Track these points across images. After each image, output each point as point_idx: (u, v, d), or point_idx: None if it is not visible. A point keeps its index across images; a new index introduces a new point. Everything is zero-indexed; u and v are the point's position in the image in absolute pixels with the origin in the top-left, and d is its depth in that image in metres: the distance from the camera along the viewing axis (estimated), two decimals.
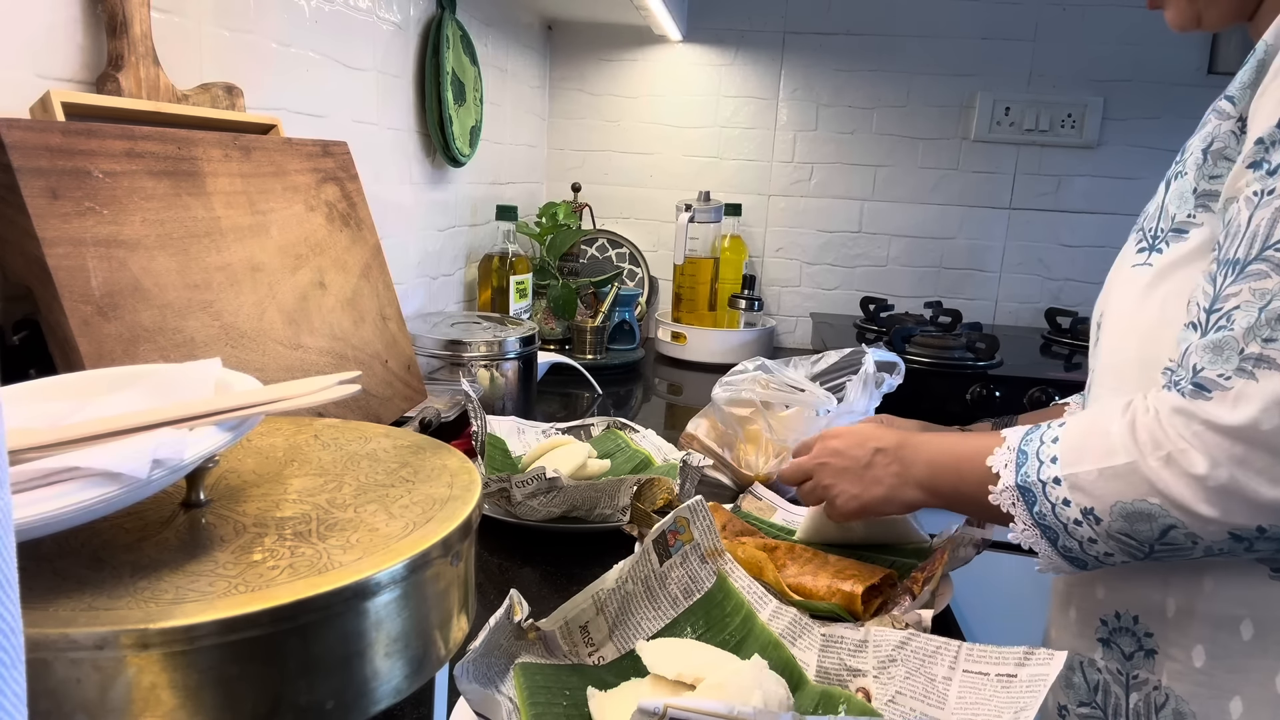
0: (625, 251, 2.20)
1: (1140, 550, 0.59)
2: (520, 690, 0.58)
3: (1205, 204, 0.62)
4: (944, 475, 0.72)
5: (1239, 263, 0.56)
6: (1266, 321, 0.53)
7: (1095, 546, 0.60)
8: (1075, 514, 0.60)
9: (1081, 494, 0.60)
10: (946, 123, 2.08)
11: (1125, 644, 0.68)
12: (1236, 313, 0.55)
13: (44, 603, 0.37)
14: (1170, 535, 0.57)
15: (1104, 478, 0.58)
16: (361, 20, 1.25)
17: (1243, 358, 0.54)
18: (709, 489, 1.13)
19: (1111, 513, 0.58)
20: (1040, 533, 0.62)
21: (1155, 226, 0.66)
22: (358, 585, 0.40)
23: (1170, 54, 1.98)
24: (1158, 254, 0.65)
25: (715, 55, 2.13)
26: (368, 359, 1.01)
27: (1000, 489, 0.64)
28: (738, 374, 1.22)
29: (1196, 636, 0.63)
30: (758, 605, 0.73)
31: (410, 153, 1.46)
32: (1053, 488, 0.61)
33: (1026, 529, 0.63)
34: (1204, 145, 0.63)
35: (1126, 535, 0.59)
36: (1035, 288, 2.14)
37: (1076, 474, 0.60)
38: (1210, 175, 0.62)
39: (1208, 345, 0.56)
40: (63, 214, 0.66)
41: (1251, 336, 0.54)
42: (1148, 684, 0.66)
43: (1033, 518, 0.62)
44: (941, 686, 0.61)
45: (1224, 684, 0.62)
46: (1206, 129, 0.64)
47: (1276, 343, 0.53)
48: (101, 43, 0.80)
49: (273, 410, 0.47)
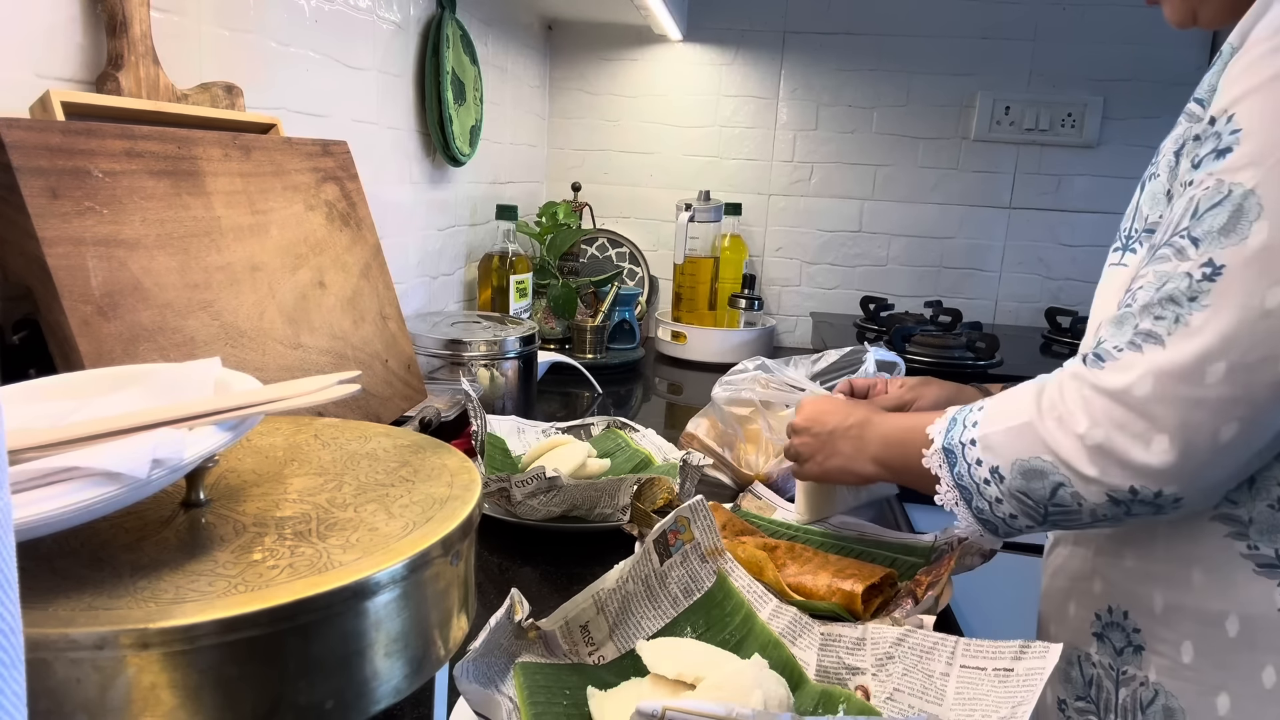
0: (625, 251, 2.20)
1: (1037, 511, 0.63)
2: (520, 690, 0.58)
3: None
4: (894, 450, 0.77)
5: (1155, 247, 0.60)
6: (1158, 301, 0.57)
7: (1001, 507, 0.64)
8: (985, 473, 0.64)
9: (990, 453, 0.64)
10: (946, 122, 2.08)
11: (1116, 639, 0.69)
12: (1140, 291, 0.59)
13: (44, 603, 0.37)
14: (1059, 494, 0.61)
15: (1008, 436, 0.63)
16: (361, 20, 1.25)
17: (1136, 332, 0.58)
18: (709, 489, 1.13)
19: (1012, 469, 0.62)
20: (959, 494, 0.66)
21: (1130, 227, 0.69)
22: (358, 585, 0.40)
23: (1170, 53, 1.98)
24: (1131, 254, 0.68)
25: (715, 55, 2.13)
26: (368, 359, 1.01)
27: (931, 452, 0.69)
28: (738, 373, 1.22)
29: (1184, 632, 0.64)
30: (758, 605, 0.73)
31: (410, 152, 1.46)
32: (969, 449, 0.65)
33: (948, 490, 0.67)
34: (1175, 148, 0.66)
35: (1024, 494, 0.62)
36: (1035, 287, 2.14)
37: (987, 434, 0.64)
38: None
39: (1113, 320, 0.60)
40: (63, 214, 0.66)
41: (1145, 314, 0.58)
42: (1135, 679, 0.67)
43: (953, 478, 0.67)
44: (939, 682, 0.61)
45: (1212, 679, 0.63)
46: (1177, 131, 0.66)
47: (1165, 320, 0.57)
48: (101, 42, 0.80)
49: (273, 410, 0.47)
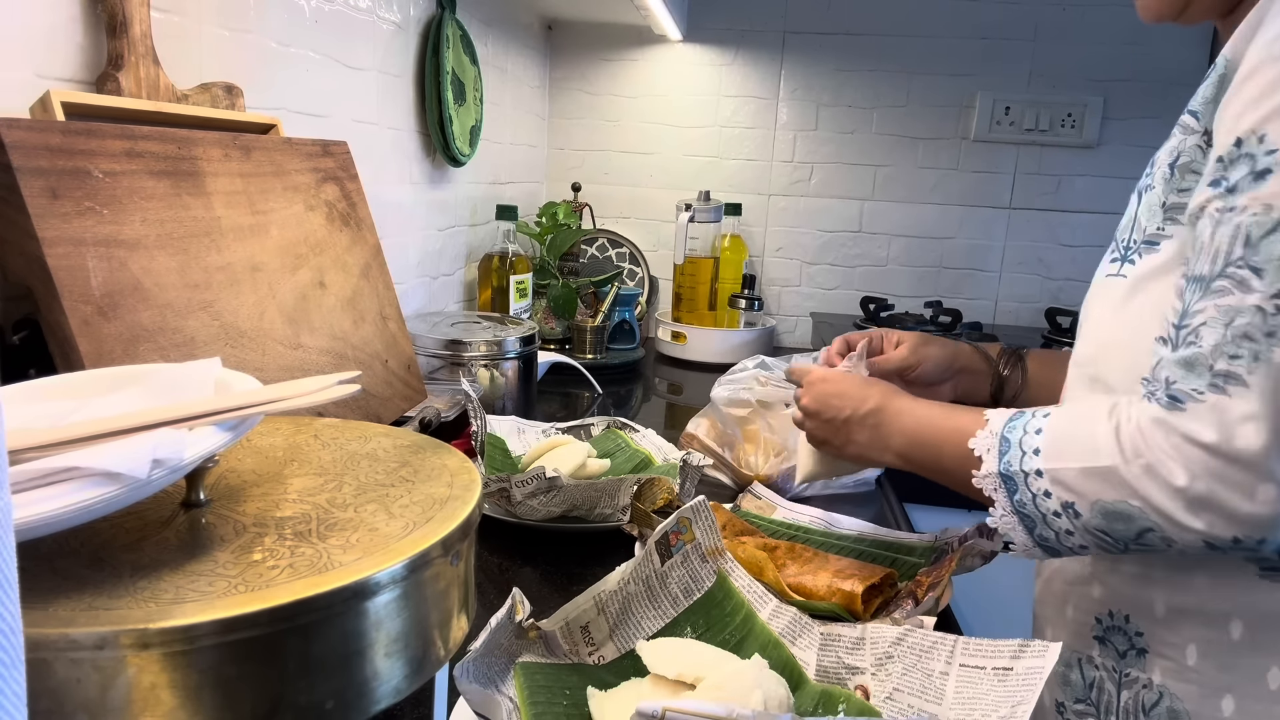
0: (625, 251, 2.20)
1: (1115, 547, 0.61)
2: (520, 690, 0.58)
3: (1173, 217, 0.64)
4: (923, 450, 0.75)
5: (1204, 279, 0.58)
6: (1231, 339, 0.55)
7: (1072, 539, 0.62)
8: (1055, 506, 0.62)
9: (1063, 489, 0.61)
10: (946, 123, 2.08)
11: (1118, 642, 0.69)
12: (1204, 329, 0.57)
13: (44, 603, 0.37)
14: (1147, 537, 0.59)
15: (1086, 476, 0.60)
16: (361, 20, 1.25)
17: (1214, 374, 0.56)
18: (709, 489, 1.13)
19: (1092, 510, 0.60)
20: (1019, 520, 0.64)
21: (1128, 238, 0.68)
22: (358, 585, 0.40)
23: (1170, 54, 1.98)
24: (1130, 265, 0.67)
25: (715, 55, 2.13)
26: (368, 359, 1.01)
27: (983, 474, 0.66)
28: (737, 374, 1.22)
29: (1188, 636, 0.64)
30: (758, 605, 0.73)
31: (410, 152, 1.46)
32: (1035, 479, 0.63)
33: (1005, 515, 0.65)
34: (1170, 159, 0.65)
35: (1103, 532, 0.61)
36: (1035, 287, 2.14)
37: (1059, 469, 0.62)
38: (1178, 189, 0.64)
39: (1179, 361, 0.58)
40: (63, 214, 0.66)
41: (1218, 354, 0.56)
42: (1138, 682, 0.67)
43: (1012, 505, 0.64)
44: (939, 682, 0.61)
45: (1216, 682, 0.63)
46: (1172, 142, 0.66)
47: (1242, 360, 0.55)
48: (101, 42, 0.80)
49: (273, 410, 0.47)
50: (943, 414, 0.74)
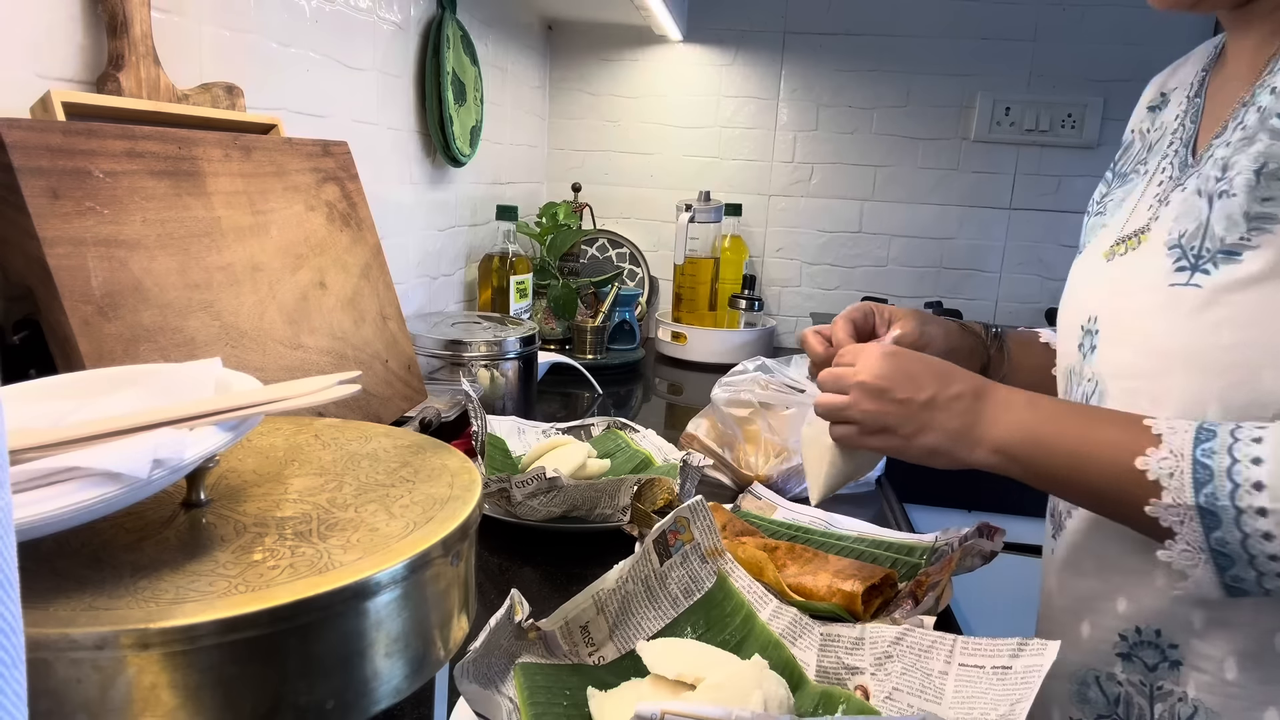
0: (625, 251, 2.20)
1: None
2: (520, 690, 0.58)
3: (1261, 226, 0.59)
4: (1048, 455, 0.63)
5: None
6: None
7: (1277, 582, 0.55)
8: (1277, 549, 0.53)
9: None
10: (946, 123, 2.08)
11: (1148, 657, 0.66)
12: None
13: (44, 603, 0.37)
14: None
15: None
16: (362, 20, 1.25)
17: None
18: (709, 489, 1.13)
19: None
20: (1210, 558, 0.56)
21: (1200, 246, 0.61)
22: (358, 585, 0.40)
23: (1171, 53, 1.97)
24: (1204, 274, 0.60)
25: (715, 55, 2.13)
26: (368, 359, 1.01)
27: (1166, 504, 0.57)
28: (738, 374, 1.22)
29: (1228, 649, 0.62)
30: (758, 605, 0.73)
31: (410, 153, 1.46)
32: (1253, 518, 0.53)
33: (1190, 551, 0.56)
34: (1255, 166, 0.59)
35: None
36: (1035, 288, 2.14)
37: None
38: (1263, 197, 0.59)
39: None
40: (63, 214, 0.66)
41: None
42: (1173, 695, 0.65)
43: (1208, 543, 0.55)
44: (938, 681, 0.61)
45: (1257, 695, 0.61)
46: (1257, 147, 0.59)
47: None
48: (102, 42, 0.80)
49: (273, 410, 0.47)
50: (1074, 415, 0.64)
